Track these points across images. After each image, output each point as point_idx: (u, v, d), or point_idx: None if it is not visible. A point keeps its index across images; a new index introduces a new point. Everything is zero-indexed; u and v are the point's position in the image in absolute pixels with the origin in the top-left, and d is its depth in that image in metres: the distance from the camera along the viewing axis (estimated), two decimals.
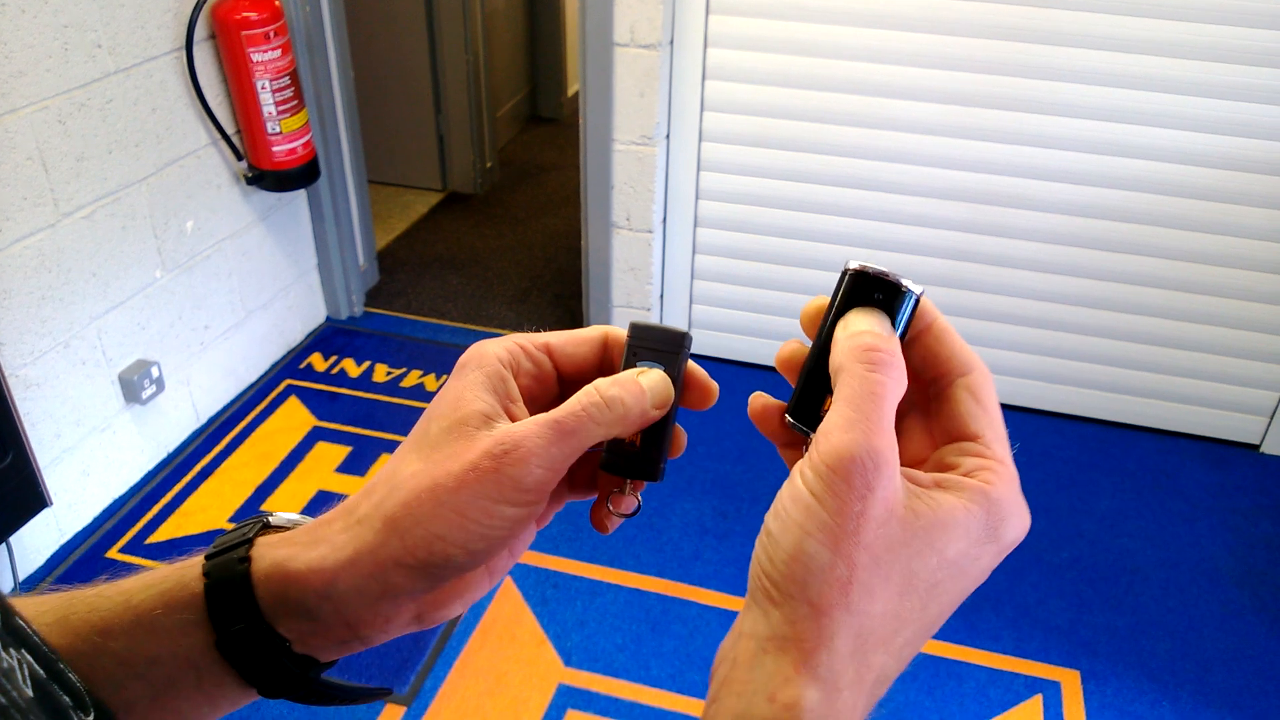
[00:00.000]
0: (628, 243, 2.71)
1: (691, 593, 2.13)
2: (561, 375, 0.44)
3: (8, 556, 2.02)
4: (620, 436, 0.41)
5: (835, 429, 0.34)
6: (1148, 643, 2.05)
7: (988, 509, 0.35)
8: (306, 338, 2.96)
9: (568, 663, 1.96)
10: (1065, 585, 2.18)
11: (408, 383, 2.77)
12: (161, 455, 2.47)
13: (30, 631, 0.32)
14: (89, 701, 0.33)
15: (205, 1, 2.26)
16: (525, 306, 3.19)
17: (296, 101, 2.44)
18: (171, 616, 0.39)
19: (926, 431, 0.40)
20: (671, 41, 2.45)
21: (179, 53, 2.26)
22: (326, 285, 2.99)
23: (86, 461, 2.23)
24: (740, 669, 0.34)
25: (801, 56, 2.40)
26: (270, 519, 0.42)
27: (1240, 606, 2.15)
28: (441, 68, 3.71)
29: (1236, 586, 2.20)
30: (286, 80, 2.39)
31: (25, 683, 0.29)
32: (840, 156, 2.50)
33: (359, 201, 3.03)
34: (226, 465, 2.46)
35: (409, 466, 0.39)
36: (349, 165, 2.92)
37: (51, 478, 2.11)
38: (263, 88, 2.36)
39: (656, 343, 0.43)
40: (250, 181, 2.51)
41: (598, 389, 0.40)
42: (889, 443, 0.34)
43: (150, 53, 2.19)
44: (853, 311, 0.39)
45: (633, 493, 0.44)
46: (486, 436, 0.39)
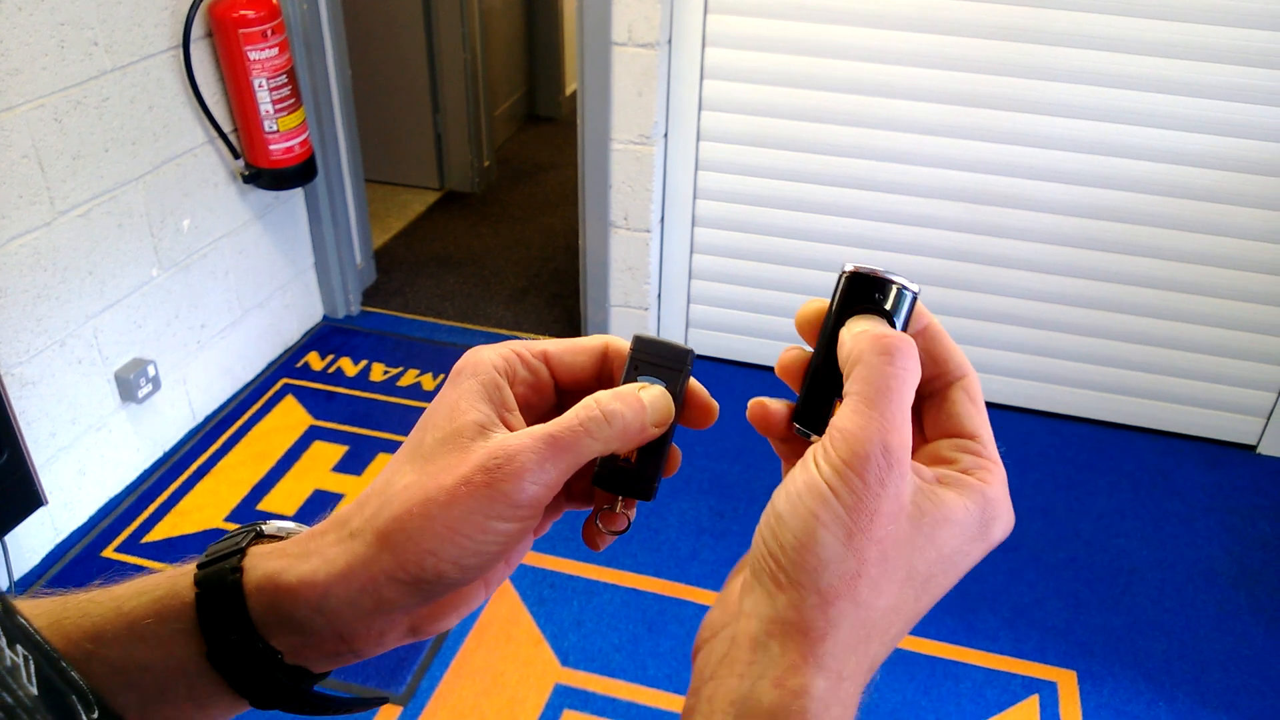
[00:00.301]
0: (625, 242, 2.71)
1: (688, 592, 2.13)
2: (559, 384, 0.44)
3: (3, 555, 2.02)
4: (617, 452, 0.41)
5: (852, 421, 0.35)
6: (1144, 643, 2.06)
7: (983, 507, 0.37)
8: (303, 337, 2.96)
9: (564, 663, 1.96)
10: (1062, 585, 2.18)
11: (404, 382, 2.77)
12: (158, 454, 2.46)
13: (32, 630, 0.32)
14: (93, 699, 0.32)
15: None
16: (522, 306, 3.19)
17: (294, 100, 2.43)
18: (163, 625, 0.39)
19: (917, 425, 0.40)
20: (670, 41, 2.44)
21: (176, 51, 2.26)
22: (323, 284, 2.99)
23: (82, 460, 2.23)
24: (742, 649, 0.34)
25: (800, 56, 2.40)
26: (263, 527, 0.42)
27: (1236, 607, 2.15)
28: (439, 66, 3.71)
29: (1233, 587, 2.20)
30: (284, 78, 2.39)
31: (30, 680, 0.29)
32: (838, 156, 2.50)
33: (356, 200, 3.03)
34: (223, 464, 2.45)
35: (403, 478, 0.39)
36: (346, 164, 2.92)
37: (47, 476, 2.10)
38: (260, 86, 2.35)
39: (659, 358, 0.42)
40: (247, 180, 2.51)
41: (598, 402, 0.39)
42: (904, 438, 0.35)
43: (147, 50, 2.18)
44: (855, 317, 0.39)
45: (624, 510, 0.43)
46: (481, 448, 0.38)
